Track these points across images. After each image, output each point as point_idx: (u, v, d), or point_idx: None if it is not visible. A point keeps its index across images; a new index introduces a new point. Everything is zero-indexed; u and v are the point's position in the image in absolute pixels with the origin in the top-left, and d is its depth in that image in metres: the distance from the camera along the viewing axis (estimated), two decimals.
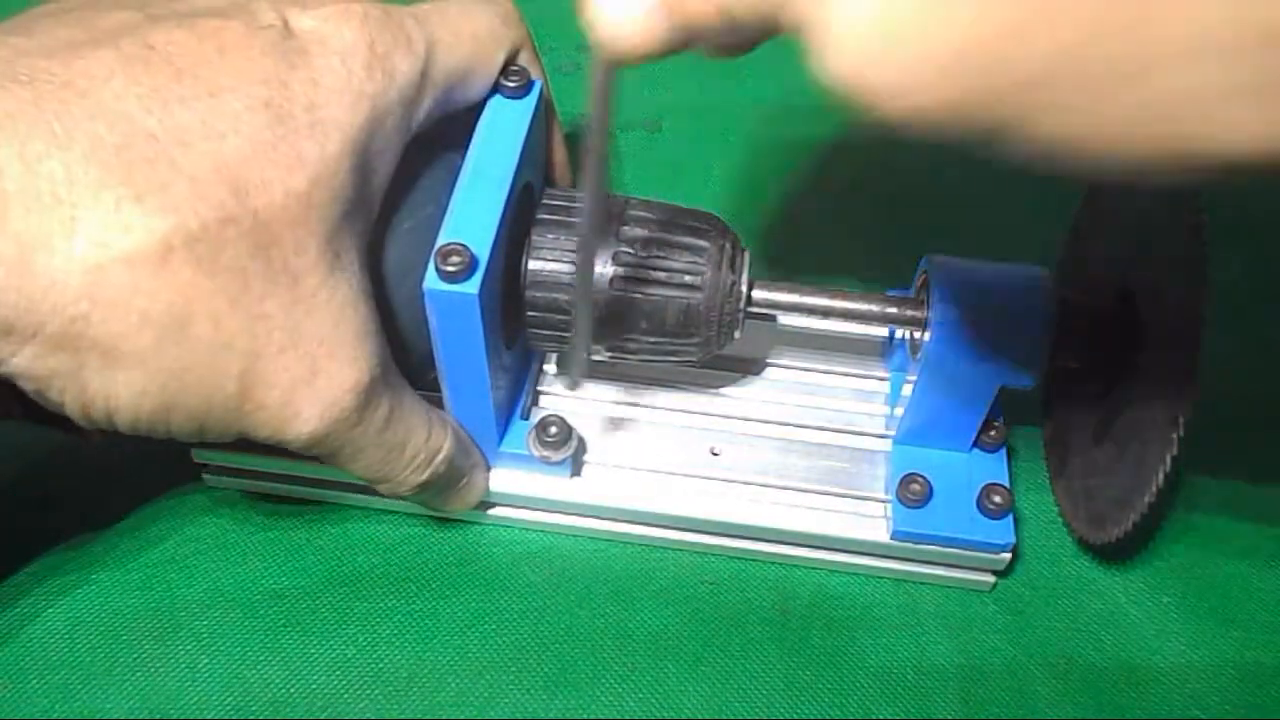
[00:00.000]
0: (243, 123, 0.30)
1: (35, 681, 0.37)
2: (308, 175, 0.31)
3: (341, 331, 0.32)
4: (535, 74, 0.39)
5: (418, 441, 0.36)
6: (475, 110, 0.38)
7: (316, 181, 0.31)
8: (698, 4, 0.23)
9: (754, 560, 0.42)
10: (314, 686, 0.38)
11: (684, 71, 0.62)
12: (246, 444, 0.36)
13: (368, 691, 0.38)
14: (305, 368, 0.31)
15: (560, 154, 0.42)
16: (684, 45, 0.24)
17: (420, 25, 0.35)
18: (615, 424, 0.43)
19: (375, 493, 0.41)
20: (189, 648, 0.38)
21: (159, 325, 0.29)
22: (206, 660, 0.38)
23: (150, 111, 0.29)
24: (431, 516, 0.42)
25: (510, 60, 0.38)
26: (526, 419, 0.41)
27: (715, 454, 0.42)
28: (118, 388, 0.29)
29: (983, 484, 0.40)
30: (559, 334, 0.38)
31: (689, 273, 0.37)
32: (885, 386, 0.44)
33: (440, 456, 0.37)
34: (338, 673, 0.38)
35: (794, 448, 0.42)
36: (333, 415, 0.32)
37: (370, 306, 0.34)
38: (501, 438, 0.40)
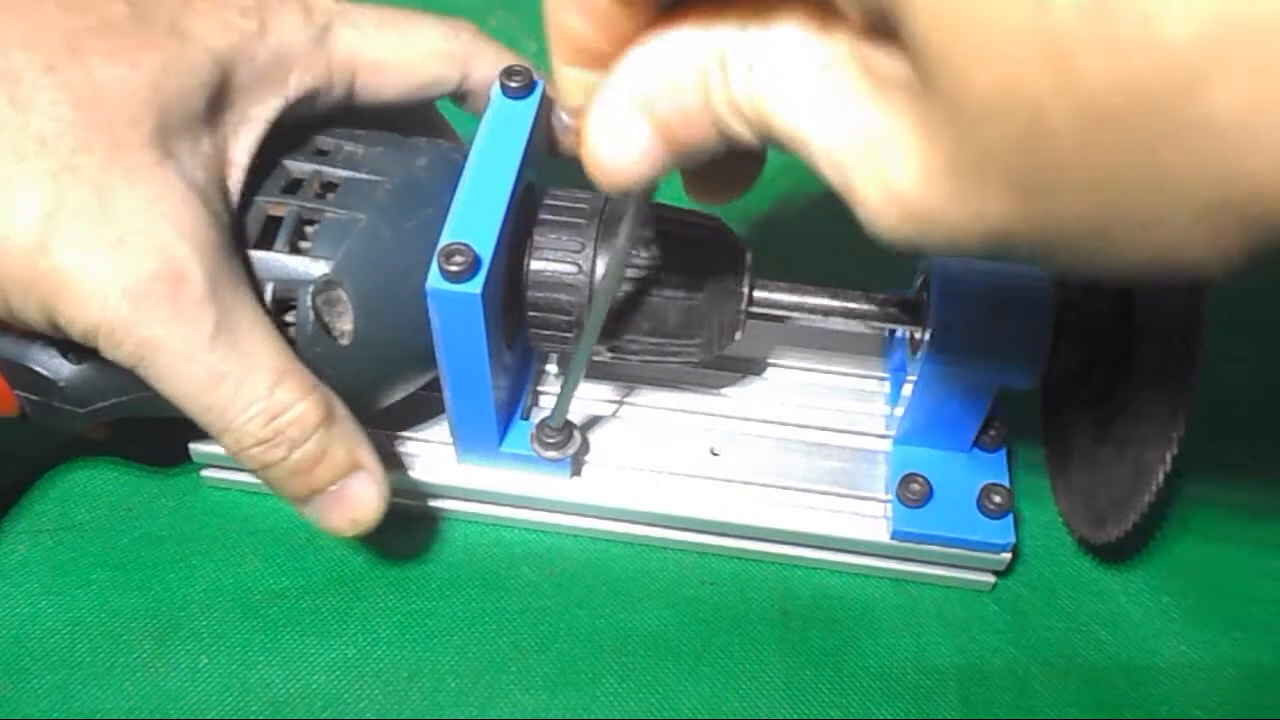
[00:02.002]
0: (104, 10, 0.32)
1: (35, 681, 0.37)
2: (160, 60, 0.32)
3: (160, 217, 0.31)
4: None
5: (257, 383, 0.33)
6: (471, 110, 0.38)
7: (167, 70, 0.32)
8: (693, 129, 0.24)
9: (754, 560, 0.42)
10: (314, 686, 0.38)
11: None
12: None
13: (368, 691, 0.38)
14: (111, 234, 0.30)
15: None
16: (680, 165, 0.26)
17: (337, 5, 0.36)
18: (616, 424, 0.43)
19: None
20: (189, 648, 0.38)
21: None
22: (206, 660, 0.38)
23: None
24: (432, 516, 0.42)
25: (462, 80, 0.39)
26: (527, 419, 0.41)
27: (715, 454, 0.42)
28: None
29: (983, 484, 0.40)
30: (560, 334, 0.38)
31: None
32: (885, 386, 0.44)
33: (288, 416, 0.33)
34: (338, 673, 0.38)
35: (794, 448, 0.42)
36: (138, 291, 0.31)
37: (213, 225, 0.32)
38: (502, 437, 0.40)
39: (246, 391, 0.33)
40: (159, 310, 0.31)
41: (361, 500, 0.36)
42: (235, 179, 0.35)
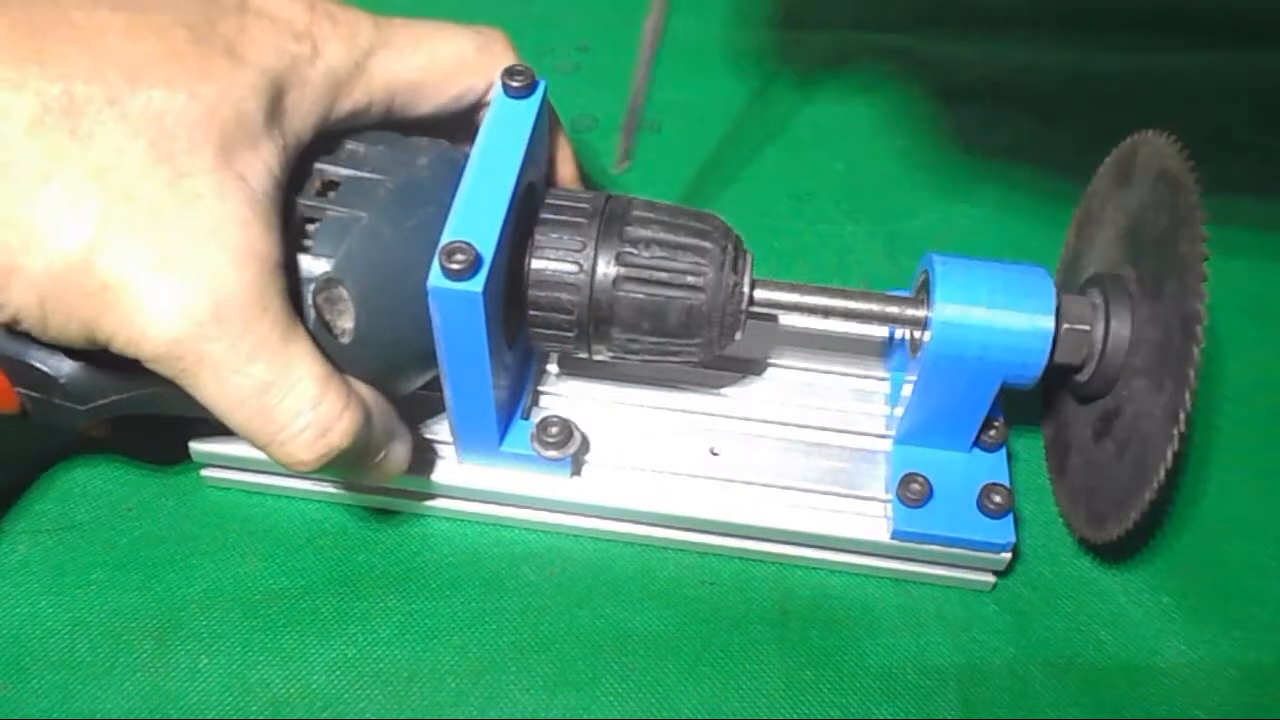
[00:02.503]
0: (165, 36, 0.33)
1: (35, 681, 0.37)
2: (217, 88, 0.32)
3: (215, 242, 0.31)
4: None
5: (303, 392, 0.33)
6: (474, 111, 0.39)
7: (224, 97, 0.33)
8: None
9: (754, 560, 0.42)
10: (314, 686, 0.38)
11: (684, 72, 0.63)
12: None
13: (368, 691, 0.38)
14: (158, 257, 0.31)
15: (564, 152, 0.43)
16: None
17: (376, 29, 0.37)
18: (616, 424, 0.43)
19: (375, 492, 0.41)
20: (189, 648, 0.38)
21: (14, 179, 0.30)
22: (206, 660, 0.38)
23: (80, 7, 0.32)
24: (432, 516, 0.42)
25: (488, 87, 0.39)
26: (527, 419, 0.41)
27: (715, 454, 0.42)
28: None
29: (983, 483, 0.40)
30: (561, 333, 0.38)
31: (692, 273, 0.37)
32: (885, 386, 0.44)
33: (338, 429, 0.34)
34: (338, 673, 0.38)
35: (794, 448, 0.42)
36: (185, 313, 0.31)
37: (271, 244, 0.33)
38: (503, 437, 0.40)
39: (292, 401, 0.33)
40: (204, 329, 0.31)
41: (395, 460, 0.38)
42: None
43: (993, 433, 0.41)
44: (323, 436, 0.34)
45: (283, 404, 0.33)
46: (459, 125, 0.40)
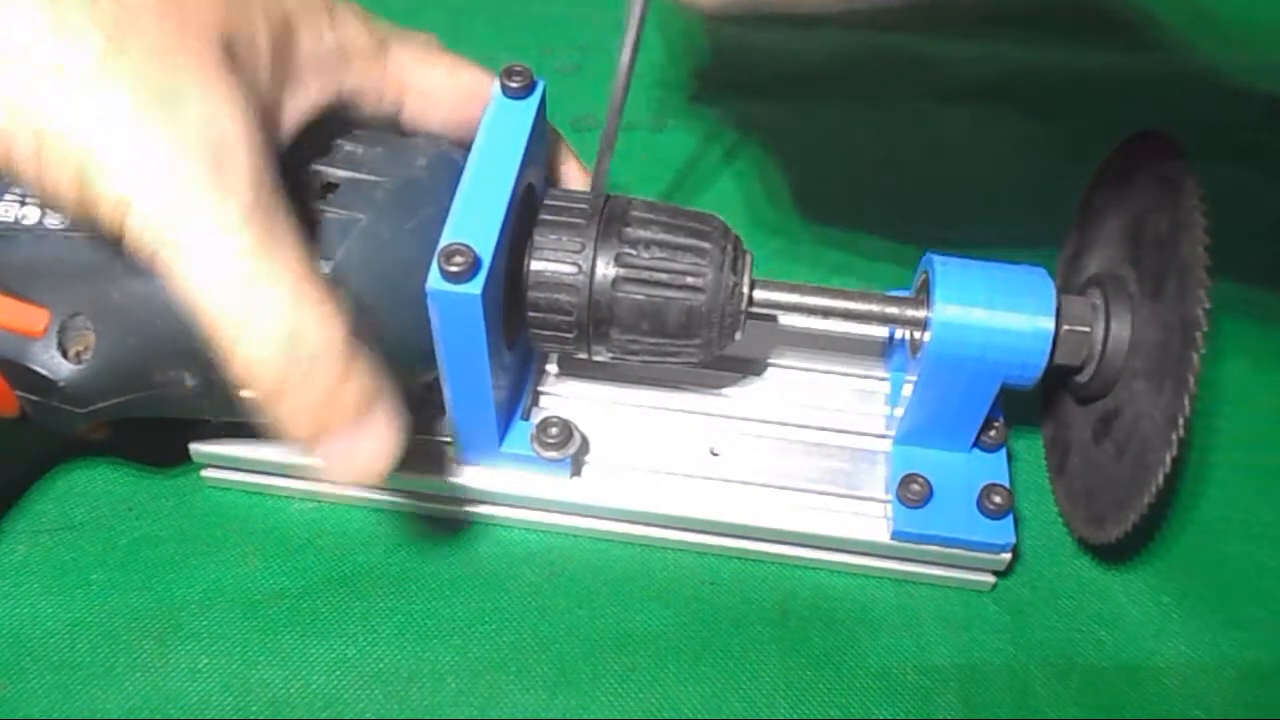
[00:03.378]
0: None
1: (35, 681, 0.37)
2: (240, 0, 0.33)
3: (218, 102, 0.31)
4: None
5: (280, 293, 0.31)
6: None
7: (244, 8, 0.33)
8: None
9: (754, 560, 0.42)
10: (314, 686, 0.38)
11: (685, 72, 0.63)
12: (245, 436, 0.36)
13: (368, 691, 0.38)
14: (161, 90, 0.30)
15: (570, 164, 0.43)
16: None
17: (395, 28, 0.38)
18: (616, 424, 0.43)
19: (375, 491, 0.41)
20: (189, 648, 0.38)
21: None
22: (206, 660, 0.38)
23: None
24: (432, 516, 0.42)
25: None
26: (527, 419, 0.41)
27: (715, 454, 0.42)
28: None
29: (983, 484, 0.40)
30: (560, 334, 0.38)
31: (691, 274, 0.37)
32: (885, 386, 0.44)
33: (308, 344, 0.31)
34: (338, 673, 0.38)
35: (794, 448, 0.42)
36: (183, 157, 0.30)
37: (266, 141, 0.32)
38: (503, 438, 0.40)
39: (263, 294, 0.30)
40: (199, 180, 0.30)
41: (372, 451, 0.33)
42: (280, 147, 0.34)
43: (993, 433, 0.41)
44: (285, 341, 0.31)
45: (255, 287, 0.30)
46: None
